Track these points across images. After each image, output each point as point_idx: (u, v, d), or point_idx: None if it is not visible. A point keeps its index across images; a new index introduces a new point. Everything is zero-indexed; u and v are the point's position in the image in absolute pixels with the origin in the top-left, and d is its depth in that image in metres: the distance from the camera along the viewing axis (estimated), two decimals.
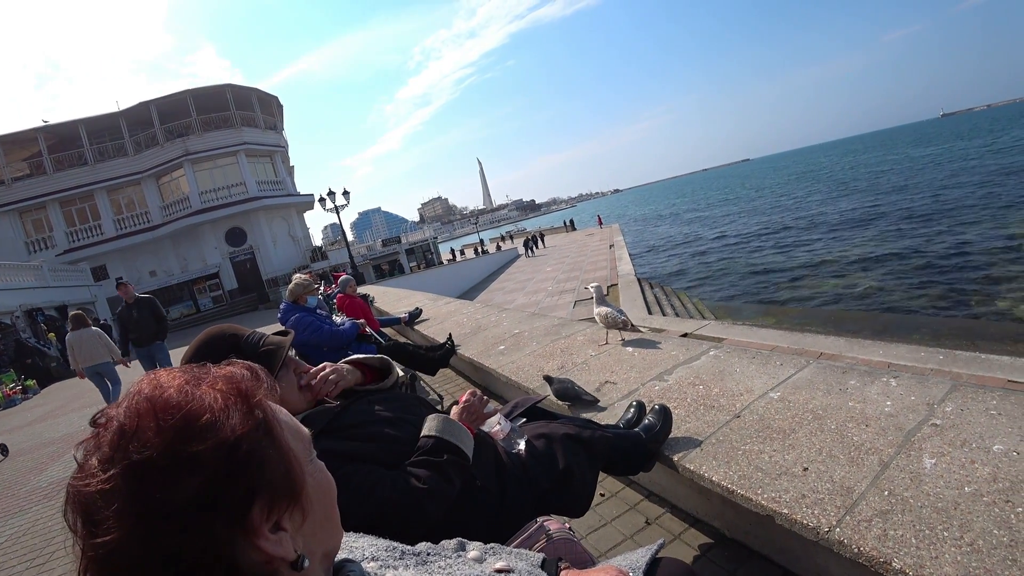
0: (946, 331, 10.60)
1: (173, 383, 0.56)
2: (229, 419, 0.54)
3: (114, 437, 0.51)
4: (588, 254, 28.73)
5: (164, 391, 0.55)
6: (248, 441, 0.54)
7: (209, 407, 0.54)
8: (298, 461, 0.59)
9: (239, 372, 0.62)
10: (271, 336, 1.39)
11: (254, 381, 0.61)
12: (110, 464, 0.49)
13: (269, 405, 0.60)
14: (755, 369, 2.61)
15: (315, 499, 0.61)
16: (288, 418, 0.63)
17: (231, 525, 0.51)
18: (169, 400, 0.53)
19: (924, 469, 1.59)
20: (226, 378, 0.59)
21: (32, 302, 19.19)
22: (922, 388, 2.04)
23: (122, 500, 0.47)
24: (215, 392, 0.56)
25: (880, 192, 38.78)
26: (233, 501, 0.51)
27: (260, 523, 0.53)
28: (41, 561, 3.61)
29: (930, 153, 68.32)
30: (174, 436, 0.51)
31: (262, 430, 0.56)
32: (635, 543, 2.13)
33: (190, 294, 29.58)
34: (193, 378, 0.58)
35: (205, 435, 0.52)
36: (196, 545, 0.48)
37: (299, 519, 0.58)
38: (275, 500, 0.55)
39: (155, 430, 0.51)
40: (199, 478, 0.50)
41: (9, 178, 27.16)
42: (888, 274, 16.74)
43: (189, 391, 0.55)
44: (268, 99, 32.49)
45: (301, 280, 4.52)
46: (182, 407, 0.53)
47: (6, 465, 6.61)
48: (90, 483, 0.49)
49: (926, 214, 25.59)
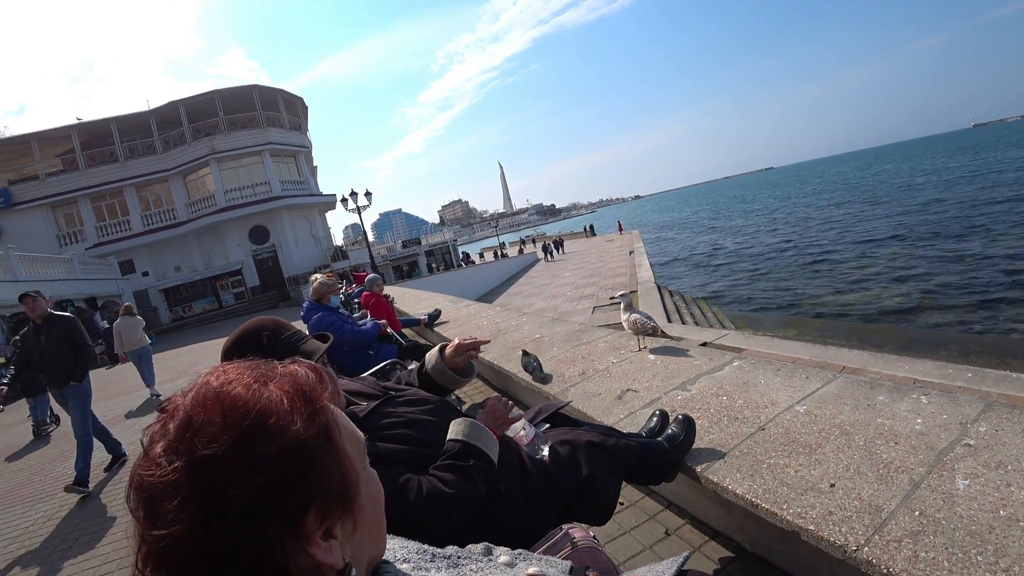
0: (975, 348, 10.34)
1: (242, 379, 0.56)
2: (294, 423, 0.54)
3: (180, 427, 0.51)
4: (607, 260, 28.61)
5: (233, 386, 0.55)
6: (310, 446, 0.54)
7: (276, 409, 0.54)
8: (354, 469, 0.59)
9: (303, 373, 0.61)
10: (308, 341, 1.41)
11: (318, 384, 0.61)
12: (175, 455, 0.50)
13: (331, 410, 0.60)
14: (780, 381, 2.58)
15: (367, 508, 0.60)
16: (347, 423, 0.63)
17: (285, 529, 0.51)
18: (238, 397, 0.54)
19: (957, 490, 1.55)
20: (292, 379, 0.59)
21: (62, 293, 19.71)
22: (955, 407, 1.99)
23: (184, 494, 0.48)
24: (281, 393, 0.56)
25: (907, 203, 38.03)
26: (290, 505, 0.51)
27: (313, 529, 0.53)
28: (67, 545, 3.70)
29: (960, 164, 66.80)
30: (241, 435, 0.51)
31: (323, 435, 0.56)
32: (654, 554, 2.11)
33: (213, 290, 30.11)
34: (261, 375, 0.58)
35: (271, 437, 0.52)
36: (250, 546, 0.49)
37: (350, 528, 0.58)
38: (329, 507, 0.55)
39: (221, 426, 0.51)
40: (260, 480, 0.50)
41: (43, 173, 27.94)
42: (914, 287, 16.38)
43: (257, 389, 0.55)
44: (293, 100, 32.97)
45: (326, 280, 4.57)
46: (251, 406, 0.53)
47: (33, 452, 6.78)
48: (155, 473, 0.49)
49: (954, 226, 25.02)
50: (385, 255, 34.45)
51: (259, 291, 29.72)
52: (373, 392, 1.54)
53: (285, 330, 1.39)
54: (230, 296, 30.25)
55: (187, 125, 28.93)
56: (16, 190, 27.57)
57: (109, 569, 3.24)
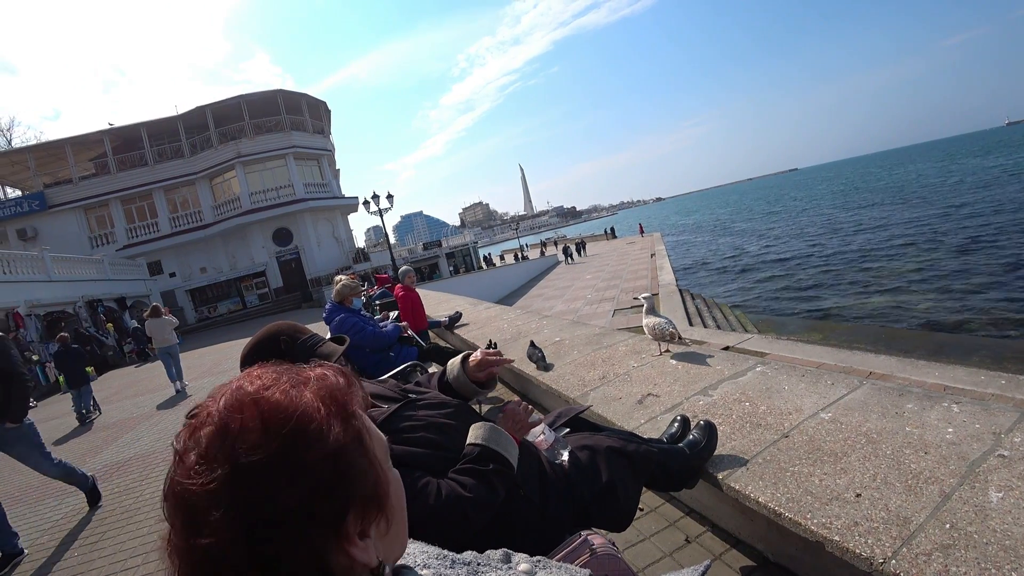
0: (1008, 354, 10.02)
1: (278, 384, 0.56)
2: (333, 428, 0.54)
3: (217, 434, 0.50)
4: (628, 263, 28.42)
5: (271, 392, 0.54)
6: (348, 451, 0.55)
7: (315, 415, 0.54)
8: (384, 470, 0.60)
9: (334, 378, 0.61)
10: (325, 344, 1.42)
11: (349, 389, 0.61)
12: (215, 463, 0.49)
13: (361, 414, 0.61)
14: (804, 387, 2.53)
15: (395, 507, 0.61)
16: (374, 428, 0.63)
17: (328, 533, 0.52)
18: (277, 402, 0.53)
19: (990, 503, 1.50)
20: (325, 384, 0.59)
21: (93, 293, 20.28)
22: (988, 416, 1.93)
23: (227, 503, 0.47)
24: (318, 399, 0.56)
25: (938, 205, 37.08)
26: (333, 510, 0.52)
27: (353, 531, 0.54)
28: (93, 540, 3.79)
29: (995, 164, 64.91)
30: (284, 442, 0.50)
31: (358, 440, 0.57)
32: (674, 561, 2.09)
33: (237, 291, 30.66)
34: (295, 380, 0.57)
35: (313, 443, 0.52)
36: (295, 552, 0.49)
37: (384, 527, 0.59)
38: (367, 509, 0.56)
39: (262, 432, 0.50)
40: (305, 486, 0.50)
41: (77, 177, 28.81)
42: (944, 291, 15.95)
43: (296, 395, 0.55)
44: (316, 104, 33.45)
45: (349, 282, 4.62)
46: (291, 412, 0.52)
47: (64, 447, 6.97)
48: (195, 482, 0.48)
49: (985, 229, 24.32)
50: (406, 257, 34.72)
51: (282, 292, 30.18)
52: (393, 395, 1.55)
53: (302, 334, 1.41)
54: (254, 297, 30.77)
55: (214, 129, 29.55)
56: (51, 193, 28.44)
57: (135, 563, 3.31)
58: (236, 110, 29.68)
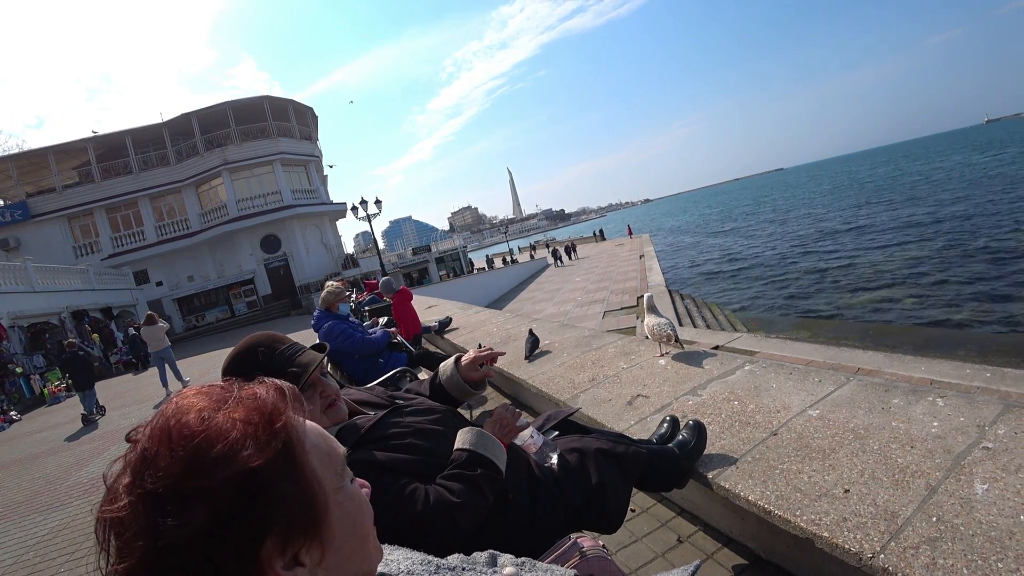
0: (993, 347, 10.17)
1: (194, 407, 0.55)
2: (244, 449, 0.52)
3: (136, 462, 0.52)
4: (618, 264, 28.51)
5: (184, 416, 0.54)
6: (263, 473, 0.52)
7: (224, 436, 0.52)
8: (323, 491, 0.57)
9: (264, 394, 0.59)
10: (304, 353, 1.40)
11: (280, 403, 0.59)
12: (129, 491, 0.50)
13: (295, 429, 0.58)
14: (792, 385, 2.55)
15: (342, 529, 0.58)
16: (319, 438, 0.61)
17: (241, 560, 0.50)
18: (185, 427, 0.53)
19: (976, 495, 1.51)
20: (249, 402, 0.57)
21: (78, 304, 20.02)
22: (972, 409, 1.95)
23: (135, 529, 0.48)
24: (233, 419, 0.54)
25: (919, 201, 37.58)
26: (243, 535, 0.50)
27: (273, 558, 0.52)
28: (80, 555, 3.73)
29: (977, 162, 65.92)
30: (184, 466, 0.50)
31: (281, 460, 0.54)
32: (667, 561, 2.09)
33: (225, 299, 30.42)
34: (215, 402, 0.56)
35: (215, 467, 0.50)
36: None
37: (318, 555, 0.56)
38: (291, 534, 0.53)
39: (168, 459, 0.50)
40: (207, 511, 0.49)
41: (60, 186, 28.42)
42: (929, 286, 16.15)
43: (208, 417, 0.54)
44: (303, 110, 33.31)
45: (334, 288, 4.59)
46: (196, 436, 0.52)
47: (49, 460, 6.86)
48: (110, 508, 0.50)
49: (967, 224, 24.68)
50: (395, 262, 34.63)
51: (271, 300, 29.96)
52: (380, 402, 1.54)
53: (281, 344, 1.39)
54: (242, 305, 30.53)
55: (199, 136, 29.31)
56: (34, 203, 28.05)
57: None
58: (222, 117, 29.48)
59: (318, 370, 1.37)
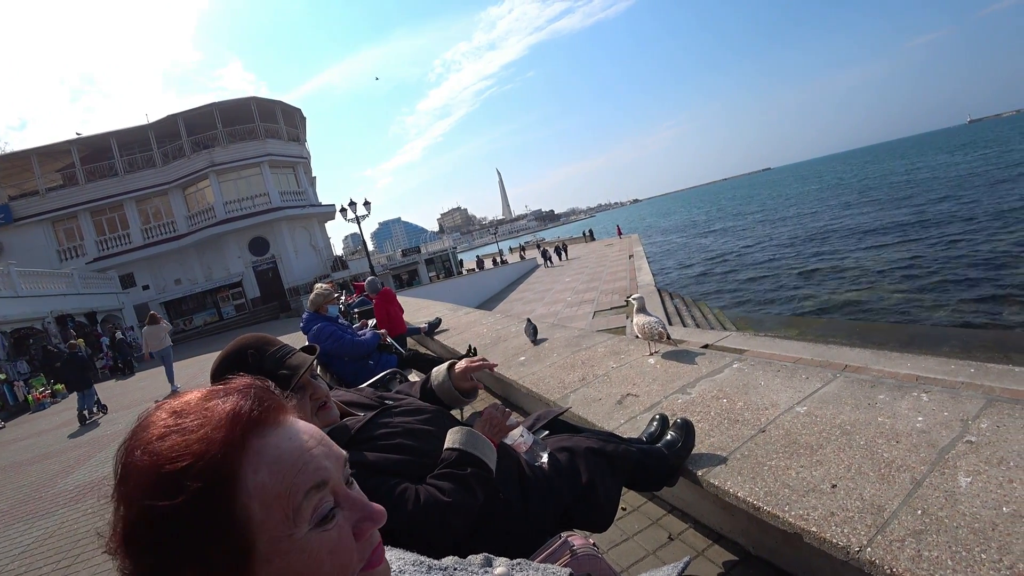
0: (977, 343, 10.32)
1: (139, 437, 0.54)
2: (156, 488, 0.49)
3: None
4: (607, 264, 28.61)
5: (137, 439, 0.54)
6: (180, 512, 0.49)
7: (152, 467, 0.50)
8: (262, 537, 0.51)
9: (220, 413, 0.54)
10: (294, 355, 1.40)
11: (231, 431, 0.53)
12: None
13: (233, 465, 0.52)
14: (780, 382, 2.57)
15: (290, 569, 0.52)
16: (275, 479, 0.53)
17: None
18: (134, 455, 0.53)
19: (959, 488, 1.54)
20: (194, 427, 0.53)
21: (63, 308, 19.74)
22: (955, 403, 1.98)
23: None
24: (149, 458, 0.51)
25: (904, 201, 38.04)
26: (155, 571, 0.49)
27: None
28: (67, 564, 3.68)
29: (960, 161, 66.86)
30: (120, 495, 0.52)
31: (197, 503, 0.49)
32: (658, 559, 2.10)
33: (213, 302, 30.13)
34: (177, 415, 0.54)
35: (122, 511, 0.52)
36: None
37: None
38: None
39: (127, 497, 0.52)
40: (124, 552, 0.51)
41: (43, 188, 28.04)
42: (915, 284, 16.37)
43: (144, 449, 0.52)
44: (291, 111, 33.10)
45: (322, 290, 4.57)
46: (133, 466, 0.52)
47: (34, 468, 6.76)
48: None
49: (953, 223, 25.02)
50: (385, 264, 34.50)
51: (259, 303, 29.73)
52: (369, 403, 1.54)
53: (270, 346, 1.38)
54: (231, 308, 30.26)
55: (186, 138, 29.03)
56: (16, 206, 27.65)
57: None
58: (209, 118, 29.21)
59: (308, 372, 1.36)
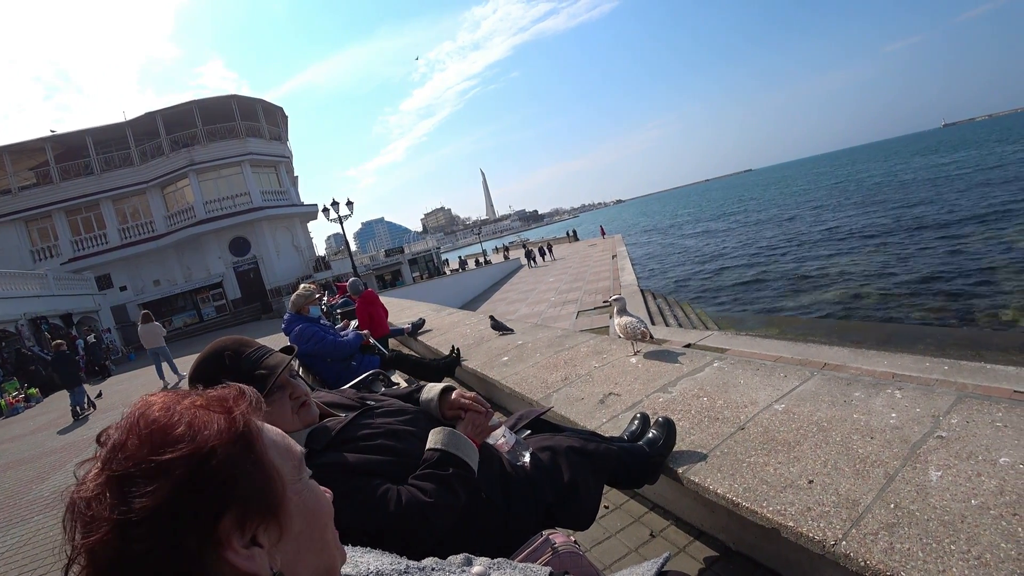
0: (951, 341, 10.55)
1: (159, 401, 0.59)
2: (203, 430, 0.56)
3: (108, 452, 0.55)
4: (591, 264, 28.74)
5: (149, 408, 0.58)
6: (221, 452, 0.55)
7: (183, 420, 0.56)
8: (280, 478, 0.60)
9: (225, 391, 0.64)
10: (271, 356, 1.39)
11: (239, 398, 0.63)
12: (99, 475, 0.53)
13: (252, 421, 0.61)
14: (759, 381, 2.61)
15: (300, 518, 0.61)
16: (276, 436, 0.64)
17: (200, 535, 0.52)
18: (150, 415, 0.56)
19: (930, 482, 1.58)
20: (211, 395, 0.62)
21: (37, 310, 19.27)
22: (927, 400, 2.03)
23: (103, 506, 0.51)
24: (194, 408, 0.58)
25: (883, 203, 38.77)
26: (201, 510, 0.52)
27: (231, 535, 0.54)
28: (42, 571, 3.61)
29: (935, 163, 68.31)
30: (149, 446, 0.53)
31: (240, 444, 0.57)
32: (640, 556, 2.12)
33: (193, 303, 29.65)
34: (179, 396, 0.61)
35: (176, 445, 0.54)
36: (164, 551, 0.50)
37: (276, 535, 0.58)
38: (248, 514, 0.55)
39: (137, 443, 0.54)
40: (168, 486, 0.51)
41: (16, 187, 27.35)
42: (892, 284, 16.70)
43: (170, 406, 0.58)
44: (273, 110, 32.72)
45: (304, 291, 4.53)
46: (161, 420, 0.56)
47: (8, 474, 6.61)
48: (79, 491, 0.53)
49: (929, 224, 25.56)
50: (368, 264, 34.26)
51: (241, 304, 29.33)
52: (351, 403, 1.53)
53: (247, 347, 1.37)
54: (211, 309, 29.82)
55: (164, 136, 28.55)
56: None
57: None
58: (188, 116, 28.76)
59: (286, 372, 1.36)
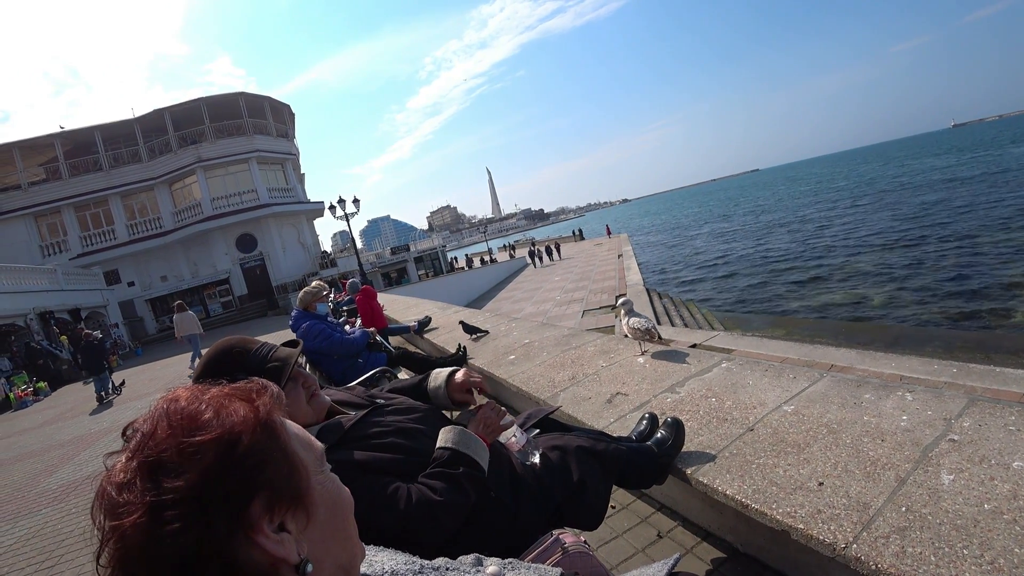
0: (959, 343, 10.49)
1: (185, 393, 0.61)
2: (230, 416, 0.58)
3: (138, 440, 0.56)
4: (596, 264, 28.69)
5: (178, 399, 0.60)
6: (249, 438, 0.57)
7: (211, 407, 0.58)
8: (304, 467, 0.61)
9: (248, 384, 0.66)
10: (279, 349, 1.39)
11: (261, 391, 0.65)
12: (130, 461, 0.54)
13: (276, 412, 0.63)
14: (768, 382, 2.59)
15: (324, 507, 0.62)
16: (298, 430, 0.65)
17: (230, 519, 0.53)
18: (179, 404, 0.59)
19: (942, 485, 1.57)
20: (233, 387, 0.64)
21: (45, 305, 19.42)
22: (939, 403, 2.01)
23: (134, 491, 0.52)
24: (221, 397, 0.61)
25: (892, 205, 38.52)
26: (231, 494, 0.54)
27: (260, 519, 0.55)
28: (50, 564, 3.63)
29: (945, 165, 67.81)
30: (179, 432, 0.55)
31: (266, 431, 0.59)
32: (647, 556, 2.12)
33: (200, 299, 29.79)
34: (204, 388, 0.63)
35: (205, 430, 0.55)
36: (195, 535, 0.51)
37: (303, 522, 0.59)
38: (276, 499, 0.57)
39: (167, 430, 0.55)
40: (198, 470, 0.53)
41: (26, 183, 27.58)
42: (900, 286, 16.60)
43: (197, 396, 0.60)
44: (280, 107, 32.82)
45: (311, 288, 4.54)
46: (190, 408, 0.58)
47: (17, 467, 6.66)
48: (112, 478, 0.54)
49: (937, 225, 25.38)
50: (374, 262, 34.33)
51: (247, 300, 29.46)
52: (361, 401, 1.53)
53: (252, 345, 1.37)
54: (217, 305, 29.98)
55: (173, 133, 28.70)
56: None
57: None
58: (196, 113, 28.90)
59: (297, 363, 1.36)
